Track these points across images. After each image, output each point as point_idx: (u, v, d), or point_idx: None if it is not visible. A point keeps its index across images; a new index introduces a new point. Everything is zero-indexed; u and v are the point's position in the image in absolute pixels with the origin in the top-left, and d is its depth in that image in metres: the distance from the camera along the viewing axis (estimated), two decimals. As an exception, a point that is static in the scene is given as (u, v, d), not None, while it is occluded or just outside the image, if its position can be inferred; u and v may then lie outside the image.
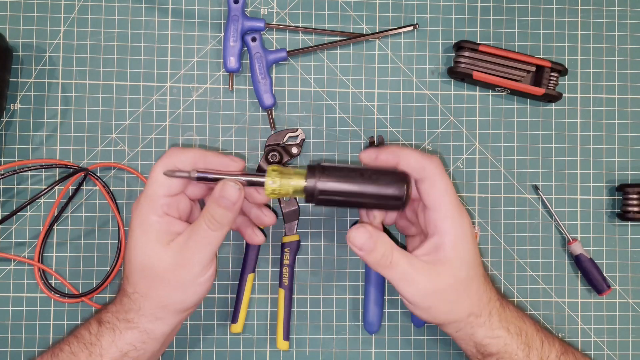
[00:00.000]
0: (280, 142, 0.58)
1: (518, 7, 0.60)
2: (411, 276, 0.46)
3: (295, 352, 0.58)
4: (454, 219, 0.46)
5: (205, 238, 0.45)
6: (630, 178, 0.60)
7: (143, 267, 0.46)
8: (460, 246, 0.46)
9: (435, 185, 0.46)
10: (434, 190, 0.46)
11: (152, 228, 0.46)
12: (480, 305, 0.48)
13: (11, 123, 0.57)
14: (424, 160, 0.46)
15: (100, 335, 0.47)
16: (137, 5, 0.59)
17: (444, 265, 0.46)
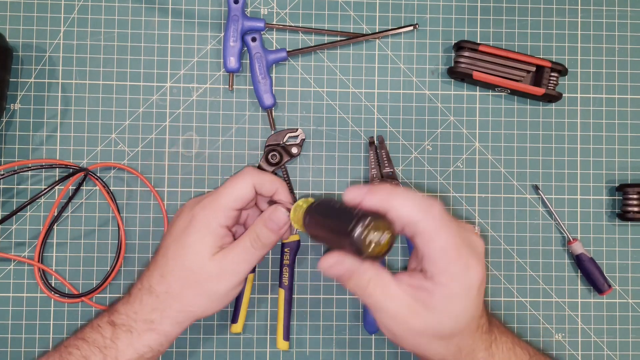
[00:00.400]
0: (280, 142, 0.58)
1: (518, 7, 0.60)
2: (387, 309, 0.42)
3: (295, 352, 0.58)
4: (455, 274, 0.41)
5: (247, 254, 0.48)
6: (630, 178, 0.60)
7: (188, 270, 0.47)
8: (455, 302, 0.41)
9: (433, 243, 0.40)
10: (429, 248, 0.40)
11: (213, 236, 0.48)
12: (458, 356, 0.44)
13: (11, 123, 0.57)
14: (418, 214, 0.40)
15: (115, 337, 0.47)
16: (137, 5, 0.59)
17: (428, 314, 0.41)
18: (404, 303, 0.41)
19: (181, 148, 0.58)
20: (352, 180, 0.58)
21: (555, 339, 0.59)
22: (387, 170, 0.58)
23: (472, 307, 0.42)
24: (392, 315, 0.42)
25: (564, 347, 0.59)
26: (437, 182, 0.59)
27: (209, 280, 0.48)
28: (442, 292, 0.41)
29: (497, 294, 0.59)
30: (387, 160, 0.58)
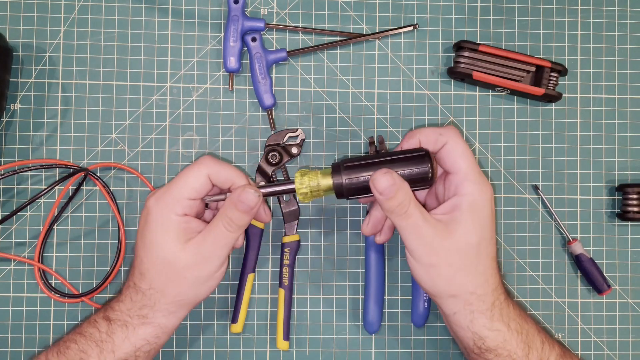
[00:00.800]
0: (280, 142, 0.58)
1: (518, 7, 0.60)
2: (421, 229, 0.46)
3: (295, 352, 0.58)
4: (474, 181, 0.47)
5: (223, 238, 0.48)
6: (630, 178, 0.60)
7: (162, 263, 0.47)
8: (477, 209, 0.46)
9: (453, 149, 0.47)
10: (452, 154, 0.47)
11: (173, 226, 0.47)
12: (485, 289, 0.47)
13: (11, 123, 0.57)
14: (439, 129, 0.48)
15: (111, 332, 0.47)
16: (137, 5, 0.59)
17: (457, 225, 0.46)
18: (439, 225, 0.46)
19: (181, 148, 0.58)
20: (352, 180, 0.58)
21: (555, 339, 0.59)
22: (387, 170, 0.57)
23: (492, 220, 0.47)
24: (424, 235, 0.46)
25: (563, 347, 0.59)
26: (437, 182, 0.59)
27: (188, 269, 0.47)
28: (467, 202, 0.46)
29: (497, 294, 0.59)
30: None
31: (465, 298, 0.47)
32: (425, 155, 0.47)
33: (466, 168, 0.47)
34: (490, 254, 0.48)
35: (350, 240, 0.58)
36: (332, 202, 0.58)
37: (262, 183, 0.57)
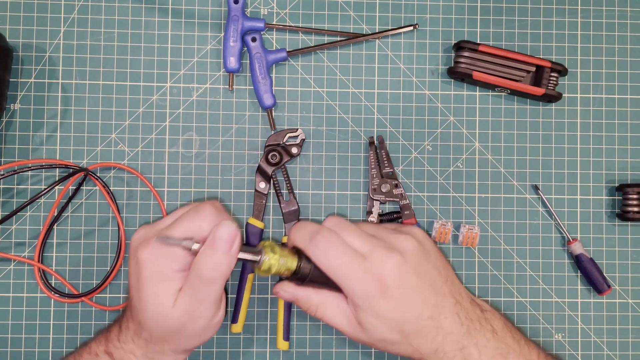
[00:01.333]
0: (280, 142, 0.58)
1: (518, 7, 0.60)
2: (339, 327, 0.47)
3: (295, 352, 0.58)
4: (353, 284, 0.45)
5: (201, 294, 0.44)
6: (630, 178, 0.60)
7: (158, 320, 0.45)
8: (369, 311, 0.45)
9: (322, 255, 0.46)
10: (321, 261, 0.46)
11: (166, 285, 0.44)
12: (421, 355, 0.47)
13: (11, 123, 0.57)
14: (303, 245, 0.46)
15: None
16: (137, 5, 0.59)
17: (362, 328, 0.46)
18: (348, 322, 0.47)
19: (181, 148, 0.58)
20: (352, 180, 0.58)
21: (555, 339, 0.59)
22: (387, 170, 0.58)
23: (387, 314, 0.45)
24: (344, 332, 0.47)
25: (564, 347, 0.59)
26: (437, 182, 0.59)
27: (182, 327, 0.45)
28: (355, 308, 0.45)
29: (497, 294, 0.59)
30: (387, 160, 0.58)
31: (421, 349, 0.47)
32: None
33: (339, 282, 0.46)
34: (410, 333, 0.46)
35: (350, 240, 0.58)
36: (332, 202, 0.58)
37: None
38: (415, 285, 0.46)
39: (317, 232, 0.46)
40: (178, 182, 0.58)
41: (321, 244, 0.45)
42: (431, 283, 0.46)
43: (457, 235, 0.58)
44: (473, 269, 0.59)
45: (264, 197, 0.57)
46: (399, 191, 0.57)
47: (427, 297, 0.46)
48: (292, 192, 0.58)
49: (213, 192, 0.58)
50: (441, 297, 0.47)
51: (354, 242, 0.46)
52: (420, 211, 0.59)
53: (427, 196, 0.59)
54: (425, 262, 0.47)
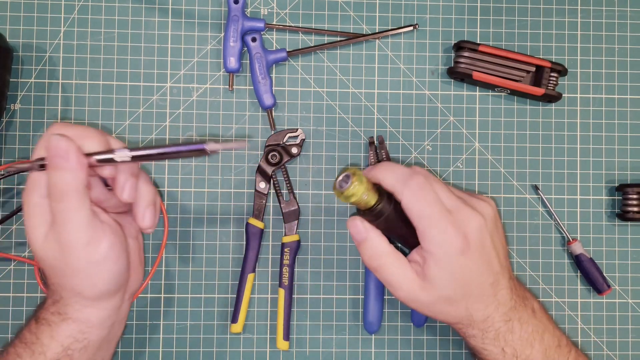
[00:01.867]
0: (280, 142, 0.58)
1: (518, 7, 0.60)
2: (397, 282, 0.46)
3: (295, 352, 0.58)
4: (433, 239, 0.45)
5: (60, 215, 0.40)
6: (630, 178, 0.60)
7: (40, 257, 0.42)
8: (445, 264, 0.45)
9: (411, 211, 0.45)
10: (411, 216, 0.45)
11: (38, 211, 0.41)
12: (471, 321, 0.47)
13: (11, 123, 0.57)
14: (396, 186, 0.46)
15: (38, 332, 0.43)
16: (137, 5, 0.59)
17: (428, 283, 0.46)
18: (411, 279, 0.46)
19: (181, 148, 0.58)
20: (352, 180, 0.58)
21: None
22: (387, 170, 0.58)
23: (461, 272, 0.45)
24: (400, 289, 0.47)
25: (563, 347, 0.59)
26: (437, 182, 0.59)
27: (58, 261, 0.41)
28: (430, 259, 0.45)
29: (497, 294, 0.59)
30: (387, 160, 0.58)
31: (454, 324, 0.48)
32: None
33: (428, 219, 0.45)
34: (473, 295, 0.46)
35: (350, 240, 0.58)
36: (332, 202, 0.58)
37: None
38: (489, 250, 0.46)
39: (411, 176, 0.46)
40: (178, 182, 0.58)
41: (415, 188, 0.45)
42: (498, 252, 0.47)
43: (457, 235, 0.58)
44: (473, 269, 0.59)
45: (264, 197, 0.57)
46: (399, 191, 0.57)
47: (494, 264, 0.47)
48: (292, 192, 0.58)
49: (213, 192, 0.58)
50: (503, 268, 0.48)
51: (442, 195, 0.46)
52: (420, 211, 0.59)
53: (427, 196, 0.59)
54: (497, 231, 0.48)
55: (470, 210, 0.46)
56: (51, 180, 0.39)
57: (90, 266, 0.41)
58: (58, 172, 0.39)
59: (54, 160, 0.39)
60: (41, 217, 0.41)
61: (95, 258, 0.41)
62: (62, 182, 0.39)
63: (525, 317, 0.48)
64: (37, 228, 0.41)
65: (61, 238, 0.40)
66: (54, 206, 0.40)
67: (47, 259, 0.41)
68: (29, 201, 0.41)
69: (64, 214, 0.40)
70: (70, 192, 0.39)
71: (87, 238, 0.40)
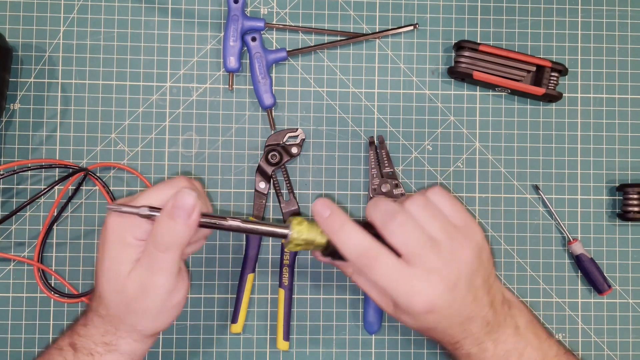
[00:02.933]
0: (280, 142, 0.58)
1: (518, 7, 0.60)
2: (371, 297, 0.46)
3: (295, 352, 0.58)
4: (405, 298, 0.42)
5: (155, 263, 0.42)
6: (631, 178, 0.60)
7: (115, 290, 0.43)
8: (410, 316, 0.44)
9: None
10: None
11: (126, 252, 0.42)
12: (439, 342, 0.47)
13: (11, 123, 0.57)
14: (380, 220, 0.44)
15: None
16: (137, 5, 0.58)
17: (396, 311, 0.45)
18: (385, 302, 0.46)
19: (181, 148, 0.58)
20: (352, 180, 0.58)
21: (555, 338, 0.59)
22: (387, 170, 0.57)
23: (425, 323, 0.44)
24: (375, 302, 0.47)
25: (564, 347, 0.59)
26: (437, 182, 0.59)
27: (134, 300, 0.42)
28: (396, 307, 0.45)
29: (497, 294, 0.59)
30: (387, 160, 0.58)
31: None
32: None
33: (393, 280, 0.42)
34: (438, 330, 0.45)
35: (350, 240, 0.58)
36: (332, 202, 0.58)
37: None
38: (458, 305, 0.43)
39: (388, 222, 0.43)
40: (178, 182, 0.58)
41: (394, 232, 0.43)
42: (474, 298, 0.44)
43: (457, 235, 0.58)
44: (473, 269, 0.59)
45: (264, 197, 0.57)
46: (399, 191, 0.57)
47: (464, 312, 0.44)
48: (292, 192, 0.58)
49: (213, 192, 0.58)
50: (478, 309, 0.45)
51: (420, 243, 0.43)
52: (420, 211, 0.58)
53: (427, 196, 0.59)
54: (474, 280, 0.44)
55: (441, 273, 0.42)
56: (163, 230, 0.41)
57: (164, 310, 0.44)
58: (174, 224, 0.41)
59: (177, 212, 0.41)
60: (130, 256, 0.42)
61: (172, 304, 0.44)
62: (174, 235, 0.41)
63: (502, 337, 0.46)
64: (123, 265, 0.42)
65: (148, 281, 0.42)
66: (154, 253, 0.42)
67: (122, 295, 0.43)
68: (121, 239, 0.42)
69: (161, 263, 0.42)
70: (177, 245, 0.42)
71: (173, 286, 0.43)
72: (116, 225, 0.43)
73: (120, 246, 0.43)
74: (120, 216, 0.43)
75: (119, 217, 0.43)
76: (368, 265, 0.42)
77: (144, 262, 0.42)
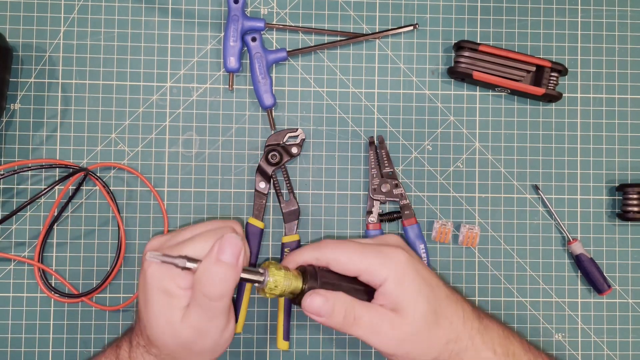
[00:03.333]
0: (280, 142, 0.58)
1: (518, 7, 0.60)
2: (377, 327, 0.45)
3: (295, 352, 0.58)
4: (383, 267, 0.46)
5: (211, 310, 0.43)
6: (630, 178, 0.60)
7: (167, 335, 0.44)
8: (406, 287, 0.45)
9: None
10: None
11: (175, 300, 0.43)
12: (456, 329, 0.47)
13: (11, 123, 0.57)
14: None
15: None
16: (137, 5, 0.58)
17: (401, 313, 0.45)
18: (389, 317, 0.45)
19: (181, 148, 0.58)
20: (352, 180, 0.58)
21: (555, 339, 0.59)
22: (387, 170, 0.58)
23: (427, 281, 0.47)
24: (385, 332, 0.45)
25: (564, 347, 0.59)
26: (437, 182, 0.59)
27: (191, 343, 0.44)
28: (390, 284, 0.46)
29: (497, 294, 0.59)
30: (387, 160, 0.58)
31: (446, 349, 0.47)
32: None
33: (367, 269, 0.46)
34: (441, 298, 0.47)
35: (350, 240, 0.58)
36: (332, 202, 0.58)
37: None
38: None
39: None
40: (178, 182, 0.58)
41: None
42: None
43: (457, 235, 0.58)
44: (473, 269, 0.59)
45: (264, 197, 0.57)
46: (399, 191, 0.57)
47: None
48: (292, 192, 0.58)
49: (213, 192, 0.58)
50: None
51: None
52: (420, 211, 0.59)
53: (427, 196, 0.59)
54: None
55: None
56: (214, 280, 0.41)
57: (218, 346, 0.45)
58: (223, 269, 0.42)
59: (224, 256, 0.41)
60: (178, 303, 0.43)
61: (225, 339, 0.46)
62: (225, 282, 0.42)
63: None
64: (174, 313, 0.43)
65: (204, 326, 0.43)
66: (206, 302, 0.42)
67: (177, 339, 0.43)
68: (165, 289, 0.43)
69: (216, 310, 0.43)
70: (228, 291, 0.42)
71: (225, 325, 0.44)
72: (158, 276, 0.43)
73: (166, 296, 0.43)
74: (161, 265, 0.43)
75: (160, 267, 0.43)
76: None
77: (196, 309, 0.43)
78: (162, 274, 0.43)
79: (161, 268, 0.43)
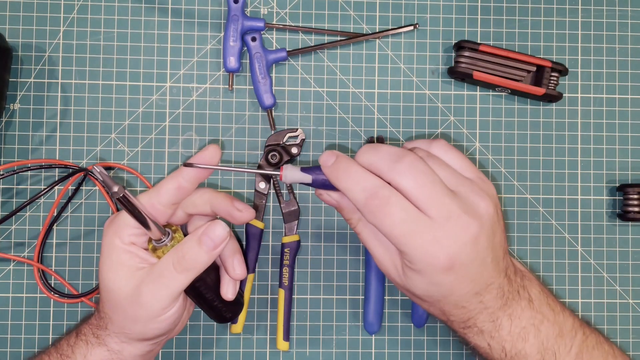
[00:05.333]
0: (280, 142, 0.58)
1: (518, 7, 0.60)
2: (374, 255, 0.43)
3: (295, 352, 0.58)
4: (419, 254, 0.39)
5: (167, 280, 0.42)
6: (631, 178, 0.60)
7: (107, 290, 0.44)
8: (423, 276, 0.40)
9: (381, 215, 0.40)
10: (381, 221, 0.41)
11: (116, 252, 0.43)
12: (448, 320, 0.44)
13: (11, 123, 0.57)
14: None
15: (75, 347, 0.46)
16: (137, 5, 0.58)
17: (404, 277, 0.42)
18: (390, 262, 0.43)
19: (181, 148, 0.58)
20: (352, 181, 0.58)
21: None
22: (387, 170, 0.57)
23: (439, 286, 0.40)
24: (378, 261, 0.44)
25: (564, 348, 0.59)
26: (437, 182, 0.59)
27: (127, 302, 0.43)
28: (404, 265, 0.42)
29: (498, 294, 0.59)
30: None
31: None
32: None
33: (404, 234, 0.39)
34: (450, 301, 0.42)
35: (350, 241, 0.58)
36: (332, 202, 0.58)
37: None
38: (479, 263, 0.40)
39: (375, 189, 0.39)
40: (178, 182, 0.58)
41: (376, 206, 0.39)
42: (493, 258, 0.40)
43: (457, 236, 0.58)
44: (473, 269, 0.59)
45: (264, 197, 0.57)
46: (399, 191, 0.57)
47: (483, 276, 0.40)
48: (292, 192, 0.58)
49: (213, 192, 0.58)
50: (496, 273, 0.41)
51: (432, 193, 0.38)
52: (420, 211, 0.58)
53: (428, 196, 0.59)
54: (494, 236, 0.40)
55: (460, 221, 0.39)
56: (190, 253, 0.42)
57: (151, 321, 0.44)
58: (202, 253, 0.43)
59: (208, 243, 0.42)
60: (124, 260, 0.43)
61: (160, 318, 0.44)
62: (197, 262, 0.43)
63: (518, 311, 0.43)
64: (118, 267, 0.43)
65: (144, 292, 0.43)
66: (168, 269, 0.42)
67: (118, 295, 0.43)
68: (111, 241, 0.44)
69: (172, 280, 0.42)
70: (195, 270, 0.43)
71: (168, 302, 0.43)
72: (108, 230, 0.45)
73: (112, 249, 0.44)
74: (112, 221, 0.44)
75: (111, 222, 0.44)
76: (378, 210, 0.38)
77: (152, 272, 0.43)
78: (112, 227, 0.44)
79: (111, 224, 0.44)
